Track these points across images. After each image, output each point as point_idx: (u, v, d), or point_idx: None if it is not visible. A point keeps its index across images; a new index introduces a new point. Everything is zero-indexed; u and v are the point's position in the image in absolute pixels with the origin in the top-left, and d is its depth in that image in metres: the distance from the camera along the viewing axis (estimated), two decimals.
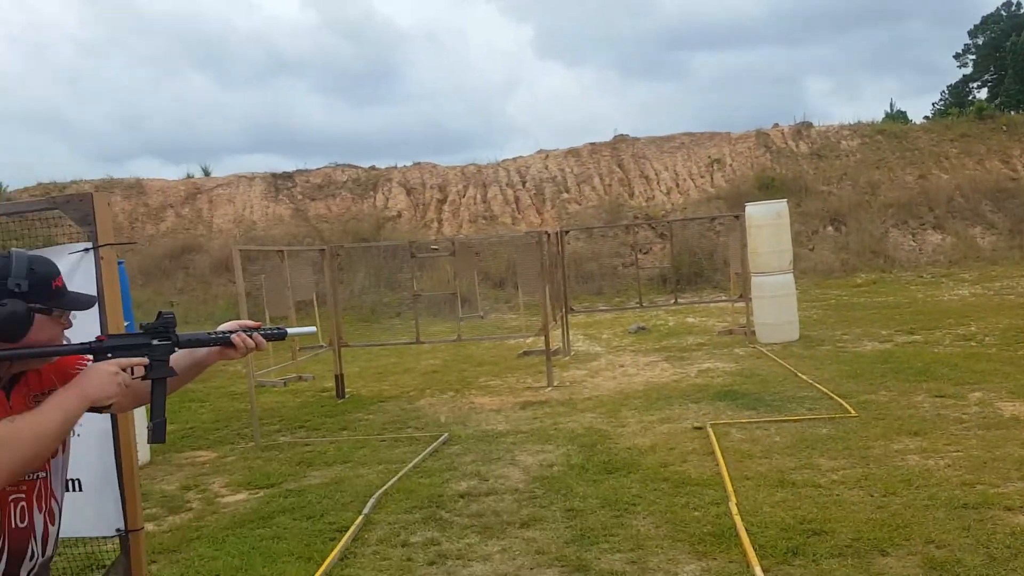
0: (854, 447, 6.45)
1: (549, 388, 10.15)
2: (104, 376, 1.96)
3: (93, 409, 1.97)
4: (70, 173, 23.76)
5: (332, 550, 4.97)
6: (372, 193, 24.23)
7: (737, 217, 12.85)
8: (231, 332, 2.26)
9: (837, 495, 5.36)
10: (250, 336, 2.26)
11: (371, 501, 5.89)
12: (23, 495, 1.96)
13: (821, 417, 7.51)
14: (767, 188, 22.30)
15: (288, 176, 24.76)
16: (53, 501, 2.05)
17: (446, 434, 7.92)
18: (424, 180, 24.47)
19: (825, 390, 8.63)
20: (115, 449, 2.80)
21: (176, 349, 2.19)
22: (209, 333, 2.24)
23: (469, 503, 5.83)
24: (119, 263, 8.62)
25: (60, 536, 2.11)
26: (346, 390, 10.62)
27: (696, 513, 5.23)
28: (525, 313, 15.15)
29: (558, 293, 12.82)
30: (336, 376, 10.50)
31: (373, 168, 25.25)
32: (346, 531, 5.30)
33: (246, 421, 8.86)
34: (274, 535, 5.45)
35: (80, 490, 2.78)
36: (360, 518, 5.54)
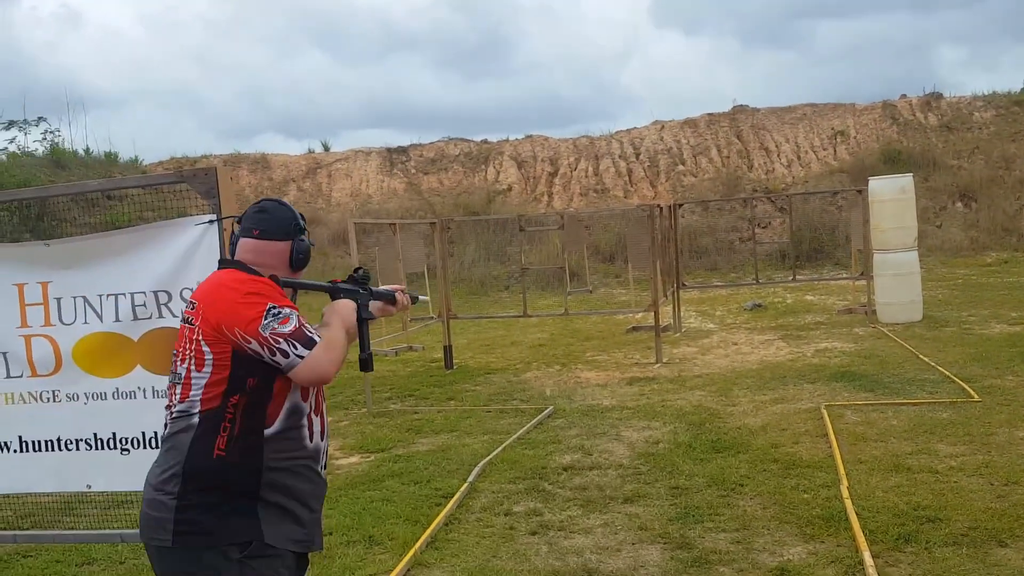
0: (975, 433, 6.18)
1: (658, 364, 10.08)
2: (350, 310, 2.57)
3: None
4: (200, 148, 24.71)
5: (438, 514, 5.10)
6: (483, 167, 24.39)
7: (860, 192, 12.37)
8: (395, 291, 2.81)
9: (955, 482, 5.16)
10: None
11: (476, 469, 6.00)
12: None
13: (942, 401, 7.21)
14: (893, 162, 21.35)
15: (402, 150, 25.16)
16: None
17: (551, 407, 7.98)
18: (535, 153, 24.46)
19: (947, 373, 8.27)
20: None
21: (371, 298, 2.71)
22: (384, 290, 2.78)
23: (572, 476, 5.86)
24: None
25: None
26: (454, 361, 10.80)
27: (805, 495, 5.12)
28: (635, 288, 15.00)
29: (670, 268, 12.67)
30: (445, 347, 10.68)
31: (485, 142, 25.39)
32: (451, 497, 5.42)
33: (359, 388, 9.13)
34: (383, 497, 5.62)
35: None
36: (465, 485, 5.65)
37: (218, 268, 2.58)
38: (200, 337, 2.38)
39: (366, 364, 2.62)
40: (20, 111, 27.73)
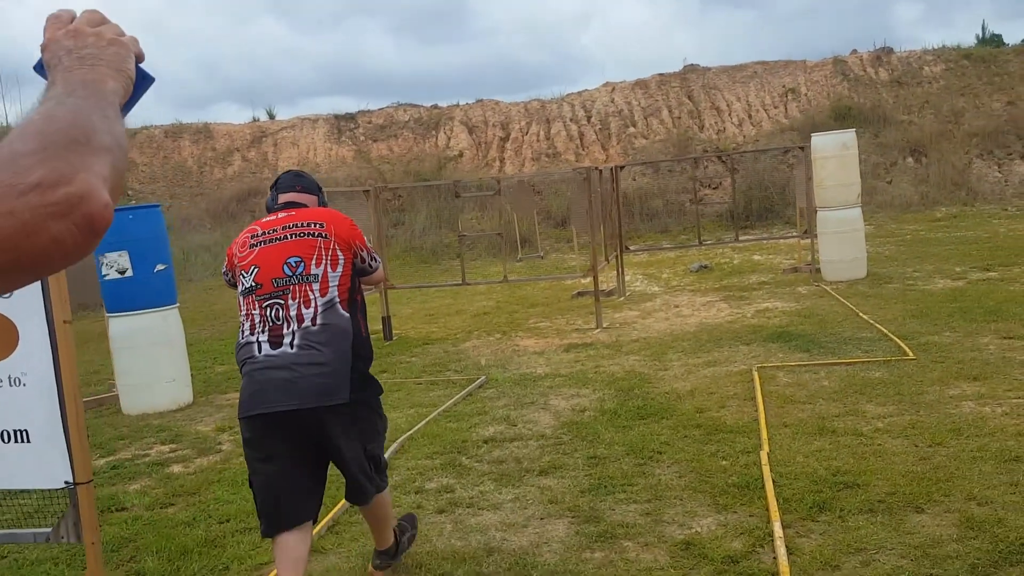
0: (906, 392, 6.05)
1: (598, 330, 9.89)
2: None
3: None
4: (157, 118, 23.88)
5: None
6: (434, 133, 23.97)
7: (802, 149, 12.21)
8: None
9: (879, 445, 5.01)
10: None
11: (394, 446, 5.76)
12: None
13: (876, 360, 7.09)
14: (843, 118, 21.25)
15: (351, 117, 24.64)
16: None
17: (483, 377, 7.76)
18: (486, 118, 24.07)
19: (885, 331, 8.16)
20: (59, 399, 2.66)
21: None
22: None
23: (492, 449, 5.66)
24: (156, 207, 8.58)
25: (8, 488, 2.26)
26: (394, 332, 10.54)
27: (724, 462, 4.95)
28: (582, 252, 14.81)
29: (614, 232, 12.46)
30: (383, 319, 10.42)
31: (435, 107, 24.94)
32: None
33: None
34: None
35: (28, 441, 2.67)
36: None
37: (293, 206, 3.47)
38: (335, 245, 3.30)
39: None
40: None
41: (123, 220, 7.39)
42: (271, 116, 25.10)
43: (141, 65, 1.00)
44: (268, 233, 3.34)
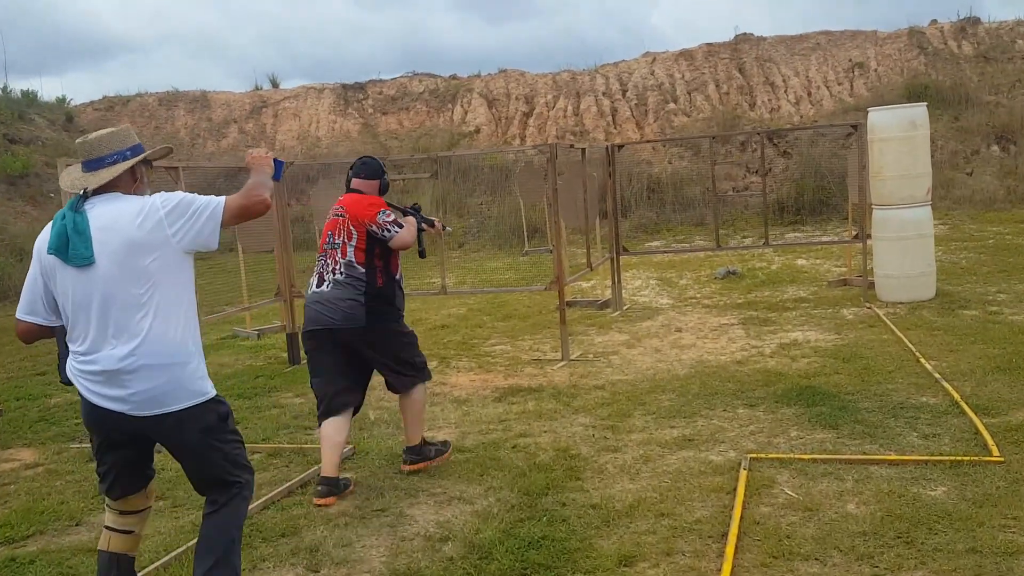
0: (984, 544, 3.45)
1: (561, 363, 7.39)
2: (413, 222, 4.83)
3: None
4: (134, 87, 21.86)
5: None
6: (450, 106, 21.47)
7: (855, 128, 9.43)
8: (434, 219, 5.17)
9: None
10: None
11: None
12: None
13: (938, 459, 4.47)
14: (919, 97, 18.06)
15: (360, 87, 22.25)
16: None
17: (352, 447, 5.32)
18: (509, 90, 21.47)
19: (957, 396, 5.51)
20: None
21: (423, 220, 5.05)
22: (429, 218, 5.15)
23: None
24: None
25: None
26: (301, 354, 8.16)
27: None
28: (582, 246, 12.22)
29: (613, 228, 9.90)
30: (288, 336, 8.05)
31: (454, 77, 22.37)
32: None
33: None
34: None
35: None
36: None
37: (347, 192, 4.84)
38: (349, 224, 4.64)
39: (423, 254, 5.21)
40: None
41: None
42: (275, 85, 22.87)
43: (277, 159, 3.29)
44: (333, 212, 4.81)
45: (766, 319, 8.68)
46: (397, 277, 4.79)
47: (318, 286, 4.66)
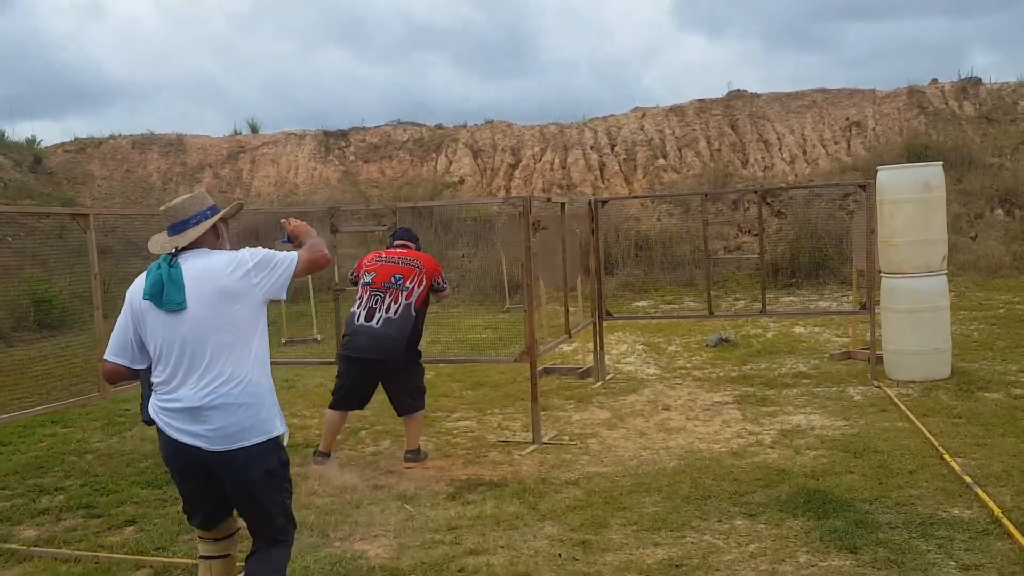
0: None
1: (532, 447, 6.43)
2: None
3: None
4: (107, 129, 20.98)
5: None
6: (434, 155, 20.71)
7: (862, 188, 8.60)
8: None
9: None
10: None
11: None
12: None
13: None
14: (919, 158, 17.32)
15: (342, 134, 21.48)
16: None
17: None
18: (495, 141, 20.74)
19: (997, 510, 4.58)
20: None
21: None
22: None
23: None
24: None
25: None
26: None
27: None
28: (549, 308, 11.33)
29: (596, 290, 9.00)
30: None
31: (439, 127, 21.65)
32: None
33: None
34: None
35: None
36: None
37: (403, 248, 6.14)
38: (424, 275, 5.90)
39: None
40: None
41: None
42: (254, 129, 22.09)
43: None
44: (390, 258, 6.00)
45: (764, 397, 7.76)
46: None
47: (367, 320, 5.80)
